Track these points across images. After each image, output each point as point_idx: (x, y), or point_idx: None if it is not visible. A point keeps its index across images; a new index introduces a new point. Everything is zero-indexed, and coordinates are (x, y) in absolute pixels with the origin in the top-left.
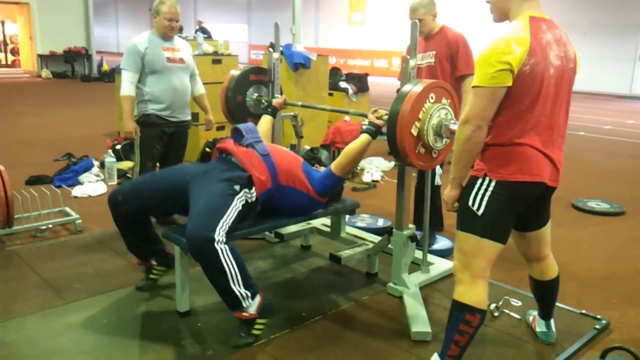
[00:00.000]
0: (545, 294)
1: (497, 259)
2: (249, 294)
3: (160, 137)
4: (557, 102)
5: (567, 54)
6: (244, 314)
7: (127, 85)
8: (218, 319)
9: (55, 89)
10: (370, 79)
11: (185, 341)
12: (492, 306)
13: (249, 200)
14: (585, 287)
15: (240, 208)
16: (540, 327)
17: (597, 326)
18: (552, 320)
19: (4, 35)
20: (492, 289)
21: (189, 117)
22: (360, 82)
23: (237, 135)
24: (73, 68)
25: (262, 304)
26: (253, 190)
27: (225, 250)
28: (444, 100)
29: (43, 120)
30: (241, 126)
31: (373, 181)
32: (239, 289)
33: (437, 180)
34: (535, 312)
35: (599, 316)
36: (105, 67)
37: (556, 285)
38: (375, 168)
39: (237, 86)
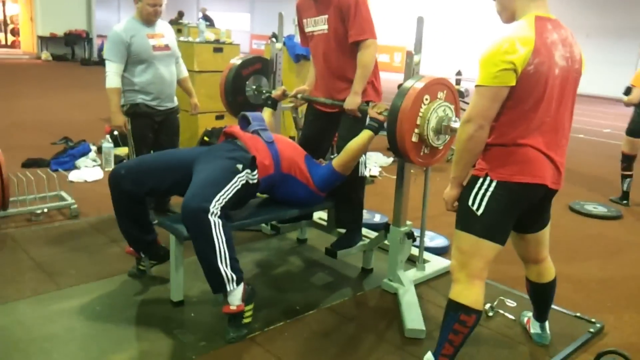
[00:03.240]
0: (541, 296)
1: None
2: (234, 277)
3: (151, 126)
4: (562, 103)
5: (572, 55)
6: (232, 307)
7: (112, 77)
8: (212, 309)
9: (55, 72)
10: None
11: (178, 331)
12: (487, 306)
13: (250, 182)
14: (581, 290)
15: (239, 186)
16: (534, 328)
17: (592, 329)
18: (546, 322)
19: (5, 16)
20: (487, 289)
21: (176, 103)
22: None
23: (244, 123)
24: (73, 51)
25: (245, 291)
26: (255, 172)
27: (218, 224)
28: (440, 94)
29: (41, 102)
30: (249, 114)
31: (371, 176)
32: (225, 269)
33: (362, 171)
34: (530, 314)
35: (593, 319)
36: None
37: (553, 288)
38: (374, 163)
39: (234, 88)
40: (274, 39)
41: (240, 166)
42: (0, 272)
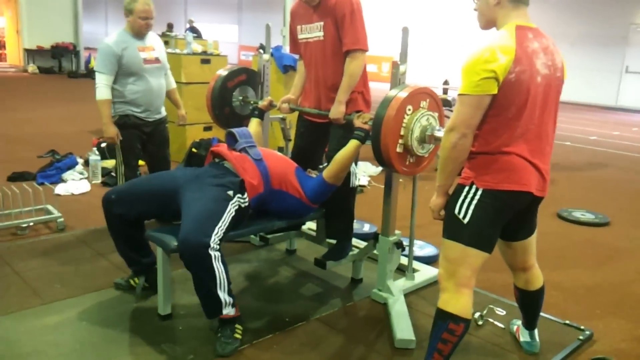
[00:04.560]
0: (530, 304)
1: (481, 267)
2: (231, 300)
3: (139, 137)
4: (545, 111)
5: (554, 63)
6: (230, 313)
7: (103, 89)
8: (200, 322)
9: (42, 85)
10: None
11: (166, 345)
12: (477, 315)
13: (242, 205)
14: (570, 297)
15: (233, 214)
16: (524, 336)
17: (581, 337)
18: (536, 330)
19: None
20: (476, 298)
21: (164, 114)
22: None
23: (231, 140)
24: (60, 64)
25: (237, 310)
26: (245, 195)
27: (218, 257)
28: (422, 104)
29: (28, 115)
30: (235, 130)
31: (360, 186)
32: (224, 295)
33: (353, 181)
34: (519, 322)
35: (582, 327)
36: (93, 63)
37: (541, 295)
38: (363, 173)
39: (220, 101)
40: (261, 50)
41: (231, 192)
42: None
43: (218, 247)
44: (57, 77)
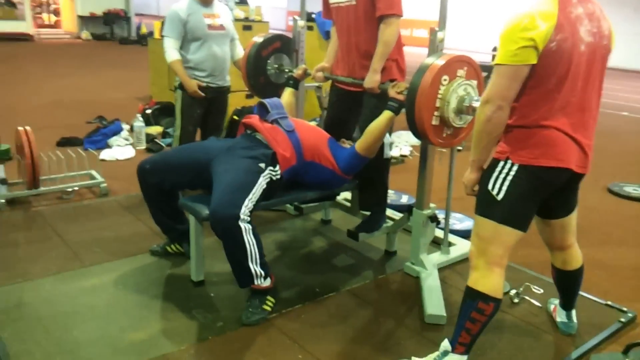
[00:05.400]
0: (567, 284)
1: (521, 241)
2: (263, 273)
3: (201, 103)
4: (589, 82)
5: (600, 30)
6: (262, 284)
7: (171, 51)
8: (231, 290)
9: (93, 51)
10: (408, 50)
11: (197, 311)
12: (513, 292)
13: (274, 178)
14: (613, 276)
15: (264, 186)
16: (560, 317)
17: (622, 319)
18: (573, 311)
19: None
20: (514, 274)
21: (228, 83)
22: None
23: (263, 111)
24: (112, 30)
25: (273, 282)
26: (277, 167)
27: (248, 229)
28: (460, 72)
29: (79, 81)
30: (267, 101)
31: (401, 156)
32: (255, 267)
33: (387, 152)
34: (557, 301)
35: (625, 308)
36: (144, 30)
37: (579, 275)
38: (405, 142)
39: (255, 70)
40: (296, 17)
41: (262, 165)
42: (29, 249)
43: (249, 218)
44: (109, 44)
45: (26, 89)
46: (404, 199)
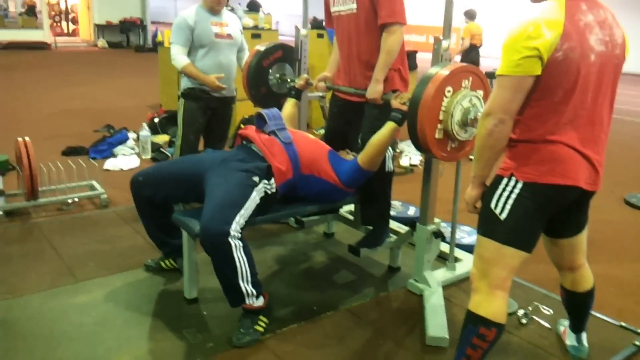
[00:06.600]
0: (576, 307)
1: (531, 256)
2: (254, 292)
3: (204, 111)
4: (599, 93)
5: (612, 38)
6: (253, 304)
7: (179, 57)
8: (225, 308)
9: (109, 59)
10: (423, 56)
11: (187, 331)
12: (520, 312)
13: (269, 192)
14: (629, 295)
15: (258, 201)
16: (570, 340)
17: (637, 342)
18: (584, 334)
19: (67, 5)
20: (522, 292)
21: (233, 94)
22: (408, 59)
23: (261, 122)
24: (128, 38)
25: (266, 302)
26: (272, 181)
27: (239, 246)
28: (464, 83)
29: (91, 89)
30: (265, 112)
31: (411, 165)
32: (245, 285)
33: (389, 166)
34: (567, 323)
35: None
36: (160, 37)
37: (590, 298)
38: (415, 152)
39: (255, 80)
40: (297, 25)
41: (256, 178)
42: (22, 263)
43: (240, 235)
44: (125, 52)
45: (38, 97)
46: (411, 211)
